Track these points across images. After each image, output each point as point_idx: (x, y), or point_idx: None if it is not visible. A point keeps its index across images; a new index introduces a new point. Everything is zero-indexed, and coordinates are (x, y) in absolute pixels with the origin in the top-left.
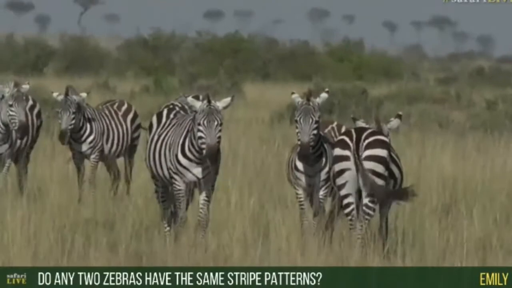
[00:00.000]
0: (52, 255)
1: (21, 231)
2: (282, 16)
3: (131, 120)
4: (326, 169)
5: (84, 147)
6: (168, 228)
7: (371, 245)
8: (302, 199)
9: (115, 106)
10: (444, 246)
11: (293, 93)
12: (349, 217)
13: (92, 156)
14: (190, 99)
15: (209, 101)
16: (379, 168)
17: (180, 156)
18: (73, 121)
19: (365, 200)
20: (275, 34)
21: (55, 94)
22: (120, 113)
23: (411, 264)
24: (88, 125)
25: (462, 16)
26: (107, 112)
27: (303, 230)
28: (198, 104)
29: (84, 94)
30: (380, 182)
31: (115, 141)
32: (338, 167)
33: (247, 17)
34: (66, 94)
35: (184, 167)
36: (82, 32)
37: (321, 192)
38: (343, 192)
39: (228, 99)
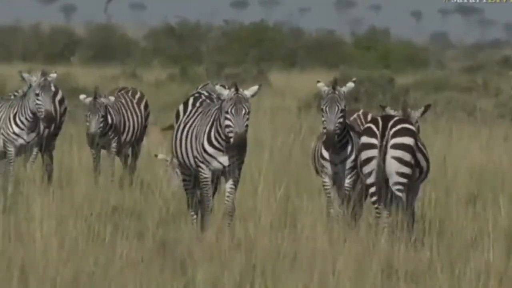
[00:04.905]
0: (78, 243)
1: (48, 220)
2: (308, 5)
3: (144, 108)
4: (352, 157)
5: (105, 139)
6: (195, 216)
7: (398, 234)
8: (328, 188)
9: (129, 94)
10: (471, 236)
11: (318, 81)
12: (376, 206)
13: (113, 146)
14: (218, 87)
15: (236, 90)
16: (406, 157)
17: (206, 145)
18: (102, 124)
19: (392, 189)
20: (301, 23)
21: (82, 97)
22: (134, 101)
23: (438, 254)
24: (110, 118)
25: (488, 3)
26: (123, 101)
27: (330, 218)
28: (225, 93)
29: (112, 98)
30: (406, 170)
31: (131, 130)
32: (364, 155)
33: (273, 6)
34: (95, 97)
35: (210, 156)
36: (108, 21)
37: (347, 181)
38: (369, 180)
39: (255, 88)
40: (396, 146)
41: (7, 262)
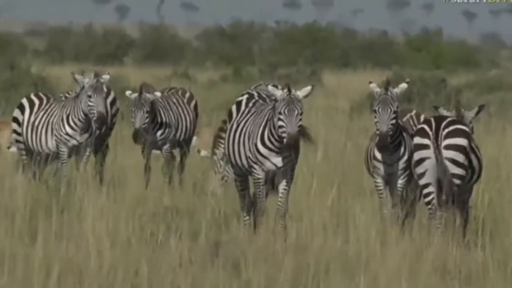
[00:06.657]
0: (131, 243)
1: (101, 220)
2: (361, 6)
3: (194, 107)
4: (405, 158)
5: (156, 138)
6: (247, 217)
7: (451, 235)
8: (381, 188)
9: (179, 93)
10: None
11: (371, 82)
12: (429, 206)
13: (165, 147)
14: (270, 87)
15: (289, 90)
16: (459, 157)
17: (259, 145)
18: (147, 120)
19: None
20: (354, 24)
21: (128, 93)
22: (185, 100)
23: (491, 254)
24: (159, 117)
25: None
26: (175, 100)
27: (383, 219)
28: (278, 93)
29: (158, 93)
30: (459, 171)
31: (184, 129)
32: (417, 155)
33: (326, 7)
34: (140, 93)
35: (264, 156)
36: (161, 21)
37: (400, 181)
38: (423, 181)
39: (308, 88)
40: (449, 147)
41: (60, 262)
